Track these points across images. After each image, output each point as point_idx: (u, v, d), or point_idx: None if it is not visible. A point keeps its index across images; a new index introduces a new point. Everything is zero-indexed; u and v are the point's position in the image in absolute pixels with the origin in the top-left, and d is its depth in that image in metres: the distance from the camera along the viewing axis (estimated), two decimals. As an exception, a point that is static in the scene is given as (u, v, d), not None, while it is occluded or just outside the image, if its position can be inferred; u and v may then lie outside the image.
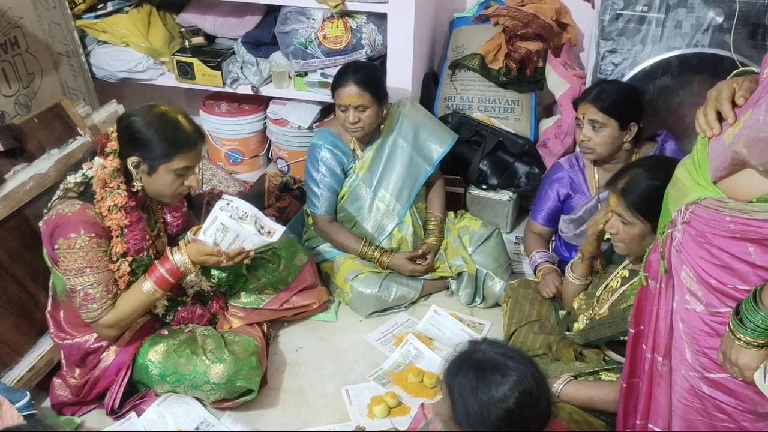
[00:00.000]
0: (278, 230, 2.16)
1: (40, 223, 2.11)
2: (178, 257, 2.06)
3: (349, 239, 2.73)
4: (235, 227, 2.06)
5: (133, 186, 2.03)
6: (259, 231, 2.12)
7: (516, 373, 1.40)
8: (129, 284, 2.09)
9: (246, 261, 2.18)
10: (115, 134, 2.04)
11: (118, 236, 2.02)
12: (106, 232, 2.01)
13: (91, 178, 2.04)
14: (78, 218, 1.97)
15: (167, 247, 2.13)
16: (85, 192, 2.05)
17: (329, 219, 2.75)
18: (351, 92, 2.53)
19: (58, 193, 2.08)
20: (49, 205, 2.09)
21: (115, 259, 2.03)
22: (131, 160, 2.00)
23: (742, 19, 2.40)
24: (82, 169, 2.08)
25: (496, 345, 1.50)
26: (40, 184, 2.42)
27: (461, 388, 1.42)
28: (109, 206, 1.99)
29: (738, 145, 1.23)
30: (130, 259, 2.06)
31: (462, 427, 1.43)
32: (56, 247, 1.98)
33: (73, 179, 2.07)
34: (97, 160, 2.05)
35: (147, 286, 2.06)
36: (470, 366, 1.43)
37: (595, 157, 2.46)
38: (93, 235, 1.97)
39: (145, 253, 2.10)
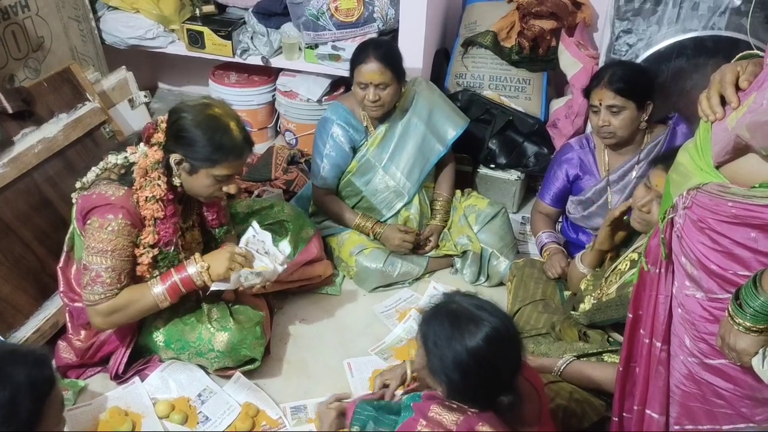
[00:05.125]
0: (281, 258, 2.14)
1: (74, 195, 2.09)
2: (192, 269, 2.01)
3: (345, 211, 2.73)
4: (264, 273, 2.06)
5: (173, 180, 1.99)
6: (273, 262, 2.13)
7: (489, 323, 1.43)
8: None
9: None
10: (164, 125, 1.98)
11: (150, 226, 1.99)
12: (141, 223, 1.99)
13: (133, 163, 2.01)
14: (120, 203, 1.94)
15: (189, 267, 2.04)
16: (125, 176, 2.01)
17: (326, 191, 2.76)
18: (372, 69, 2.49)
19: (96, 170, 2.05)
20: (84, 180, 2.07)
21: (142, 248, 2.01)
22: (174, 157, 1.95)
23: (760, 2, 2.36)
24: (125, 152, 2.05)
25: (470, 297, 1.54)
26: (48, 148, 2.43)
27: (435, 337, 1.46)
28: (147, 197, 1.96)
29: (741, 129, 1.22)
30: (156, 251, 2.03)
31: (436, 375, 1.47)
32: (88, 222, 1.96)
33: (114, 159, 2.05)
34: (141, 147, 2.01)
35: (157, 290, 2.01)
36: (445, 316, 1.47)
37: (616, 141, 2.43)
38: (129, 222, 1.94)
39: (173, 247, 2.07)
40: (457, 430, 1.42)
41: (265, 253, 2.12)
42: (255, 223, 2.20)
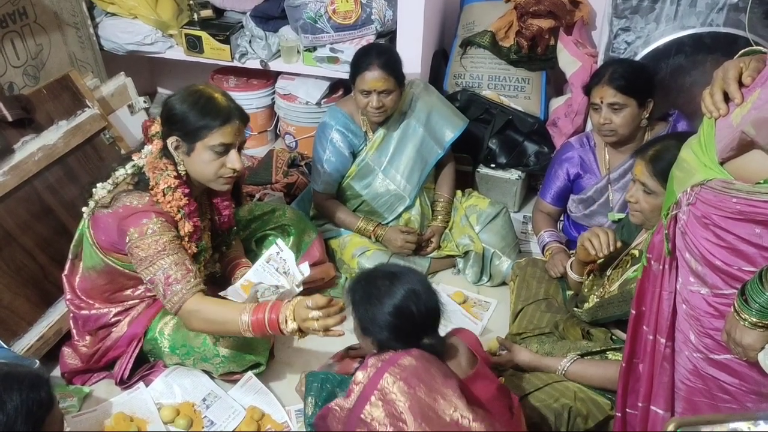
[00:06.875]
0: (299, 279, 2.12)
1: (87, 210, 2.05)
2: (291, 326, 1.82)
3: (347, 215, 2.73)
4: (282, 291, 2.03)
5: (179, 169, 1.98)
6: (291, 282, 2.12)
7: (401, 277, 1.62)
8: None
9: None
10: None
11: (181, 217, 1.97)
12: (174, 222, 1.97)
13: (142, 167, 2.02)
14: (147, 208, 1.94)
15: (281, 313, 1.84)
16: (139, 182, 2.01)
17: (327, 196, 2.76)
18: (376, 76, 2.48)
19: (107, 187, 2.04)
20: (97, 197, 2.04)
21: (186, 242, 1.98)
22: (170, 141, 1.95)
23: (758, -2, 2.37)
24: (132, 160, 2.06)
25: (388, 265, 1.71)
26: (48, 155, 2.43)
27: (359, 298, 1.64)
28: (163, 189, 1.95)
29: (746, 126, 1.22)
30: (194, 245, 2.01)
31: (370, 335, 1.63)
32: (128, 239, 1.92)
33: (122, 172, 2.05)
34: (146, 148, 2.03)
35: (244, 318, 1.86)
36: (363, 280, 1.68)
37: (617, 139, 2.43)
38: (163, 219, 1.93)
39: (202, 240, 2.06)
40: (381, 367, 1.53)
41: (284, 273, 2.11)
42: (280, 241, 2.24)
